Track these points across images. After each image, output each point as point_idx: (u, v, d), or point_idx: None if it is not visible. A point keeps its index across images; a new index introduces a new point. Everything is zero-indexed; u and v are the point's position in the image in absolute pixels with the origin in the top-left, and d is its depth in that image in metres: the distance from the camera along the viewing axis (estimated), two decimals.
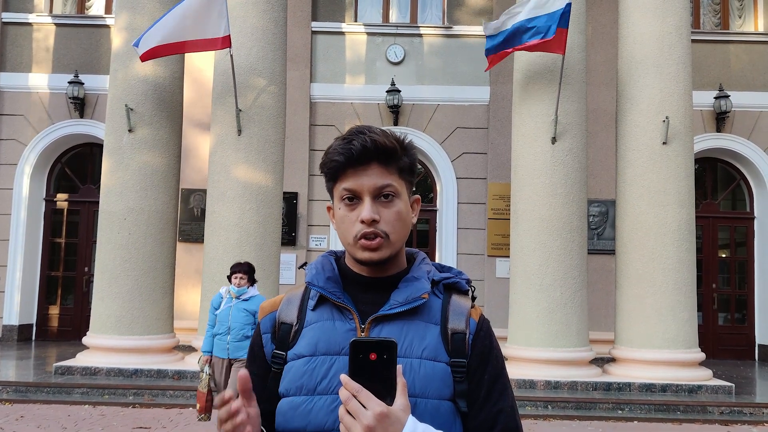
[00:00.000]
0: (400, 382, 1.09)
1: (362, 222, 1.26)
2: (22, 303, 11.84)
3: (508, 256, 9.67)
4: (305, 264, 1.40)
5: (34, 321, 12.16)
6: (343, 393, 1.07)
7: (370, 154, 1.27)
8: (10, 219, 11.92)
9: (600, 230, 11.76)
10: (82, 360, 8.59)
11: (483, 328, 1.33)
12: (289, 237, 11.64)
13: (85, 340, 8.77)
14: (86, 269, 12.25)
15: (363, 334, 1.27)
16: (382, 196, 1.28)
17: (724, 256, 12.48)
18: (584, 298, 8.64)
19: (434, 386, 1.24)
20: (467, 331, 1.30)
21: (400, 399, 1.08)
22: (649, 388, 8.26)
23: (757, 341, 12.06)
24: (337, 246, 11.65)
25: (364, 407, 1.05)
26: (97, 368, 8.34)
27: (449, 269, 1.42)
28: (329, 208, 1.38)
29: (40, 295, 12.25)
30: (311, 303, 1.33)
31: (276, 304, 1.38)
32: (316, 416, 1.22)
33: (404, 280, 1.33)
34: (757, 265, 12.17)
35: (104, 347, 8.53)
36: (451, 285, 1.38)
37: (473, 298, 1.39)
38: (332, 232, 11.86)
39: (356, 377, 1.07)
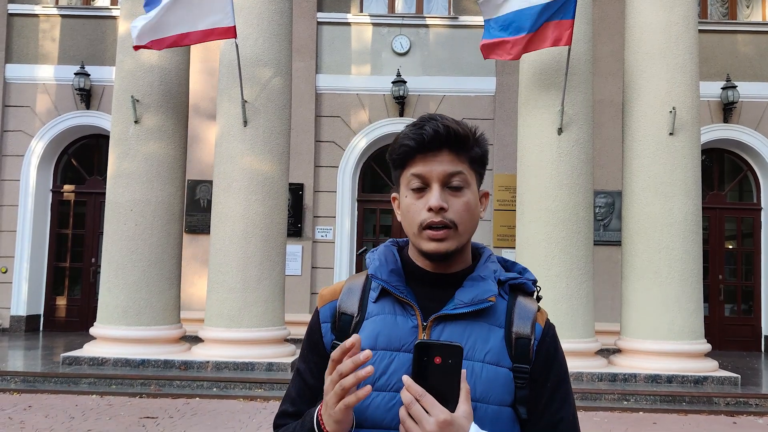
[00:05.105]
0: (464, 387, 1.06)
1: (430, 210, 1.21)
2: (30, 294, 11.91)
3: (514, 247, 9.65)
4: (365, 250, 1.37)
5: (41, 312, 12.23)
6: (405, 395, 1.04)
7: (442, 140, 1.22)
8: (17, 210, 11.98)
9: (606, 221, 11.74)
10: (89, 350, 8.63)
11: (549, 334, 1.29)
12: (295, 228, 11.65)
13: (92, 330, 8.81)
14: (93, 260, 12.30)
15: (425, 332, 1.23)
16: (451, 185, 1.24)
17: (730, 247, 12.44)
18: (590, 289, 8.62)
19: (496, 392, 1.20)
20: (532, 337, 1.26)
21: (463, 405, 1.05)
22: (654, 379, 8.26)
23: (763, 332, 12.03)
24: (343, 237, 11.64)
25: (427, 413, 1.02)
26: (104, 358, 8.38)
27: (513, 265, 1.37)
28: (394, 198, 1.33)
29: (48, 286, 12.32)
30: (373, 294, 1.29)
31: (336, 293, 1.34)
32: (373, 412, 1.19)
33: (470, 278, 1.28)
34: (763, 256, 12.13)
35: (111, 338, 8.56)
36: (517, 286, 1.32)
37: (538, 299, 1.34)
38: (338, 223, 11.84)
39: (419, 379, 1.04)
